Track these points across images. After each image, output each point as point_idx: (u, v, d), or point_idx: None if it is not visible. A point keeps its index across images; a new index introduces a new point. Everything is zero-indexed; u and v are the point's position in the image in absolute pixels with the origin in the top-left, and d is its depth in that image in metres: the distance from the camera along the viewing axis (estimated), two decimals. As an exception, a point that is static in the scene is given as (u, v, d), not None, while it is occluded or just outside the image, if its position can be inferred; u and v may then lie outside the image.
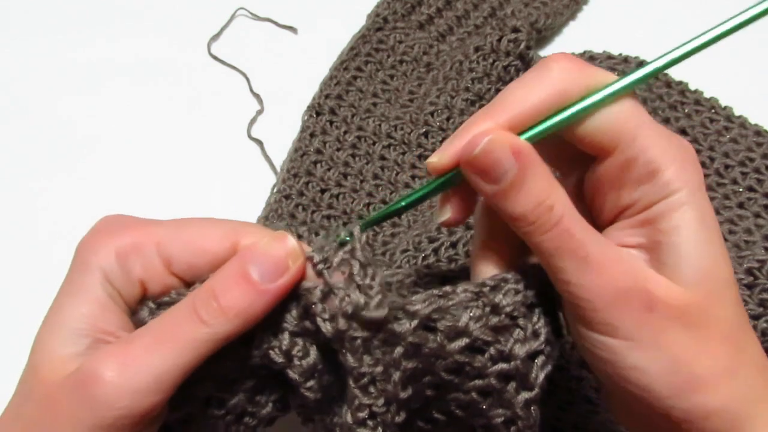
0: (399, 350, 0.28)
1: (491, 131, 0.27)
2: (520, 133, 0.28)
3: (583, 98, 0.28)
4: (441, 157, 0.29)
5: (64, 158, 0.58)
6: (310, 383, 0.30)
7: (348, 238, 0.30)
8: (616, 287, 0.27)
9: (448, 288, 0.30)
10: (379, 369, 0.29)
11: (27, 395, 0.28)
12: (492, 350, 0.30)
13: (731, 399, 0.27)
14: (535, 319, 0.30)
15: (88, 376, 0.26)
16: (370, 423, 0.29)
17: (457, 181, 0.30)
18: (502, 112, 0.28)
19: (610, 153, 0.29)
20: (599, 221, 0.31)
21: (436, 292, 0.30)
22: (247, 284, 0.28)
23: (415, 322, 0.28)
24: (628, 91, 0.28)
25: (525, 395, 0.30)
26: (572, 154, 0.30)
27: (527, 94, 0.28)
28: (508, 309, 0.30)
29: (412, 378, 0.30)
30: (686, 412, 0.27)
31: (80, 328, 0.28)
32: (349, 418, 0.29)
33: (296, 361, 0.30)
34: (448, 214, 0.31)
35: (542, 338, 0.30)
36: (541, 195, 0.27)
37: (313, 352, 0.30)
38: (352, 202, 0.54)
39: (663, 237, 0.28)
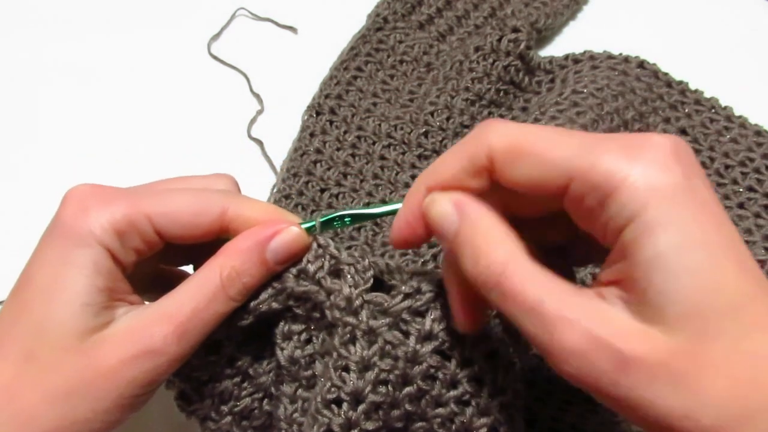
0: (375, 348, 0.30)
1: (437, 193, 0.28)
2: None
3: None
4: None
5: (63, 159, 0.58)
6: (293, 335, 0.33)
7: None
8: (574, 348, 0.23)
9: (414, 284, 0.31)
10: (356, 358, 0.30)
11: (40, 359, 0.30)
12: (457, 355, 0.30)
13: None
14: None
15: (149, 346, 0.30)
16: (334, 408, 0.31)
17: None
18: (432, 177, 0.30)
19: (565, 189, 0.25)
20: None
21: (405, 289, 0.31)
22: (264, 266, 0.32)
23: (388, 320, 0.31)
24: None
25: (500, 399, 0.30)
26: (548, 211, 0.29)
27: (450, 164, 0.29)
28: None
29: (384, 383, 0.30)
30: None
31: (99, 301, 0.31)
32: (319, 399, 0.31)
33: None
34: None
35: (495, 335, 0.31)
36: (483, 250, 0.26)
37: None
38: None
39: (637, 271, 0.23)
